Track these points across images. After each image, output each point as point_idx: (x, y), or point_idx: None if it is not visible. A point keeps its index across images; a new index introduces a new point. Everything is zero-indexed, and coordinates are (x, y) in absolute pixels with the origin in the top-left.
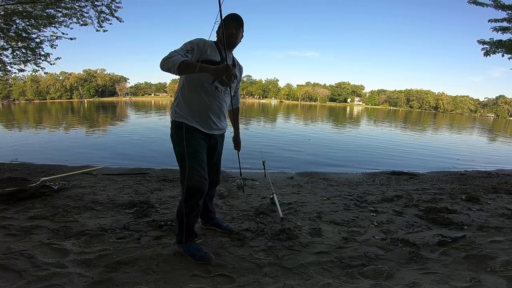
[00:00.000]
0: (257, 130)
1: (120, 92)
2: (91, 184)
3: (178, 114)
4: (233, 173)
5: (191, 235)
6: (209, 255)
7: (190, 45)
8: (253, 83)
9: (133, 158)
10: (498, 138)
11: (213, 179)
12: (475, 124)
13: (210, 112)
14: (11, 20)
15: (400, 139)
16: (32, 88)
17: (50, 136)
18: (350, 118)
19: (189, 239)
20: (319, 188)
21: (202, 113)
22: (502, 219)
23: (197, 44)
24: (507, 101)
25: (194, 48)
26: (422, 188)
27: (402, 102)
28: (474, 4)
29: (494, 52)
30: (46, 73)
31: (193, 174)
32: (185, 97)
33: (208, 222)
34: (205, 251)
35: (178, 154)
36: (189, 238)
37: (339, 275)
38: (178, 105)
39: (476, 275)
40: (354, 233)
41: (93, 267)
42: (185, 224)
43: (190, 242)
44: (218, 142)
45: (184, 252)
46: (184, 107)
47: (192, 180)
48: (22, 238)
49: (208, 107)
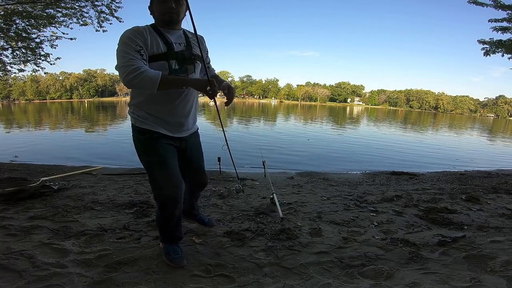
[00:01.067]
0: (257, 130)
1: (120, 92)
2: (91, 184)
3: (138, 119)
4: (233, 173)
5: (172, 238)
6: (182, 261)
7: (135, 44)
8: (253, 83)
9: (133, 158)
10: (498, 138)
11: (197, 181)
12: (475, 124)
13: (177, 113)
14: (11, 20)
15: (400, 139)
16: (32, 88)
17: (50, 136)
18: (350, 118)
19: (169, 240)
20: (319, 188)
21: (167, 116)
22: (502, 219)
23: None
24: (507, 101)
25: (142, 46)
26: (422, 188)
27: (402, 102)
28: (474, 4)
29: (494, 52)
30: (46, 73)
31: (162, 185)
32: (146, 98)
33: (191, 218)
34: (181, 255)
35: (144, 163)
36: (170, 240)
37: (339, 275)
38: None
39: (476, 275)
40: (354, 233)
41: (93, 267)
42: (165, 231)
43: (169, 244)
44: (191, 143)
45: (163, 249)
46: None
47: (162, 191)
48: (22, 238)
49: (174, 108)
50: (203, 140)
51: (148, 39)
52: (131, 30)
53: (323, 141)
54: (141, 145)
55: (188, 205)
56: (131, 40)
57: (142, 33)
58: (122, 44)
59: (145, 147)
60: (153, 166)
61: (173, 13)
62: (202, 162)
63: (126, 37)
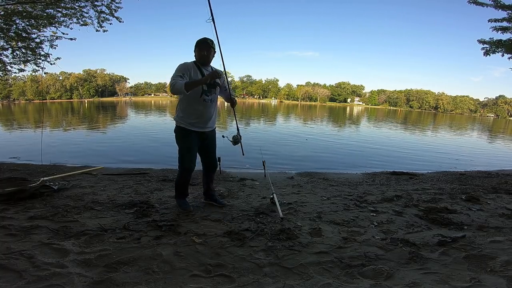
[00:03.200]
0: (257, 130)
1: (120, 92)
2: (91, 184)
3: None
4: (233, 173)
5: (181, 195)
6: (189, 207)
7: (181, 72)
8: (253, 83)
9: (133, 158)
10: (498, 138)
11: (210, 164)
12: (475, 124)
13: (202, 116)
14: (11, 20)
15: (400, 139)
16: (32, 88)
17: (50, 136)
18: (350, 118)
19: (180, 196)
20: (319, 188)
21: (197, 117)
22: (502, 219)
23: (186, 70)
24: (507, 101)
25: (185, 73)
26: (422, 188)
27: (402, 102)
28: (474, 4)
29: (494, 52)
30: (46, 73)
31: (185, 160)
32: (184, 108)
33: (208, 198)
34: (188, 206)
35: (178, 147)
36: (180, 196)
37: (339, 275)
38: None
39: (476, 275)
40: (354, 233)
41: (93, 267)
42: (179, 189)
43: (180, 199)
44: (210, 136)
45: (177, 203)
46: (183, 114)
47: (184, 164)
48: (22, 238)
49: (201, 113)
50: None
51: (192, 71)
52: (183, 64)
53: (323, 141)
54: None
55: (205, 184)
56: (179, 70)
57: (188, 67)
58: (175, 71)
59: (179, 138)
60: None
61: (206, 59)
62: (215, 150)
63: (178, 68)
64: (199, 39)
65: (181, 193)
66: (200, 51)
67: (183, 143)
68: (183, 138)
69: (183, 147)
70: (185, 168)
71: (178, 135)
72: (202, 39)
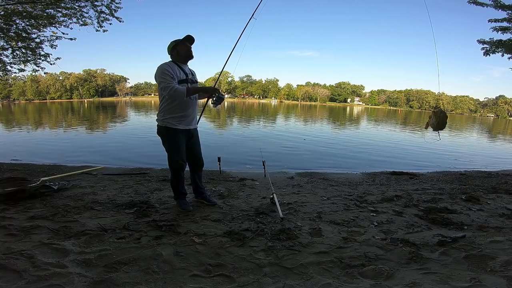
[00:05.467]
0: (257, 130)
1: (120, 92)
2: (91, 184)
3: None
4: (233, 173)
5: (180, 194)
6: (188, 207)
7: (171, 74)
8: (253, 83)
9: (133, 158)
10: (498, 138)
11: (196, 162)
12: (475, 124)
13: (189, 115)
14: (11, 20)
15: (400, 139)
16: (32, 88)
17: (50, 136)
18: (350, 118)
19: (179, 196)
20: (319, 188)
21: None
22: (502, 219)
23: (173, 71)
24: (507, 101)
25: (173, 74)
26: (422, 188)
27: (402, 102)
28: (474, 4)
29: (493, 52)
30: (46, 73)
31: (175, 159)
32: (170, 107)
33: (198, 196)
34: (188, 205)
35: (166, 148)
36: (179, 196)
37: (339, 275)
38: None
39: (476, 275)
40: (354, 233)
41: (93, 267)
42: (176, 189)
43: (179, 199)
44: (194, 135)
45: (177, 203)
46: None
47: (174, 163)
48: (22, 238)
49: (187, 111)
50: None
51: (176, 70)
52: (166, 65)
53: (323, 141)
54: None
55: (194, 183)
56: (168, 72)
57: (172, 67)
58: (161, 73)
59: (166, 137)
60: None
61: (191, 53)
62: (200, 148)
63: (166, 70)
64: (185, 36)
65: (179, 193)
66: (187, 46)
67: (171, 142)
68: (171, 138)
69: (171, 146)
70: (177, 167)
71: (165, 136)
72: (188, 35)
